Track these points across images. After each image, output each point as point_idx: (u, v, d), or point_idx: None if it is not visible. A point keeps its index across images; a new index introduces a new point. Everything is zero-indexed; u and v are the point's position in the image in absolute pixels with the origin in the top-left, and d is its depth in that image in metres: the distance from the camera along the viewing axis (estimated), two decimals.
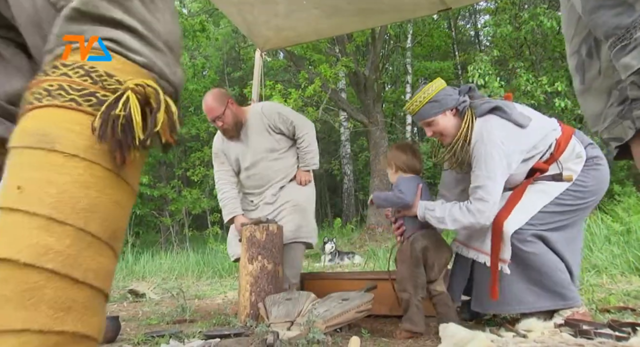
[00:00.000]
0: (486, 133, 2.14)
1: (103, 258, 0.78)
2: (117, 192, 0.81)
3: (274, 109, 3.27)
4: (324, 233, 10.66)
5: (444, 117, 2.23)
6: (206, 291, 4.79)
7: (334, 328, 2.27)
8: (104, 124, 0.77)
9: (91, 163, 0.77)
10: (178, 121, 0.86)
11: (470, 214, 2.13)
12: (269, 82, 9.99)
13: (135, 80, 0.81)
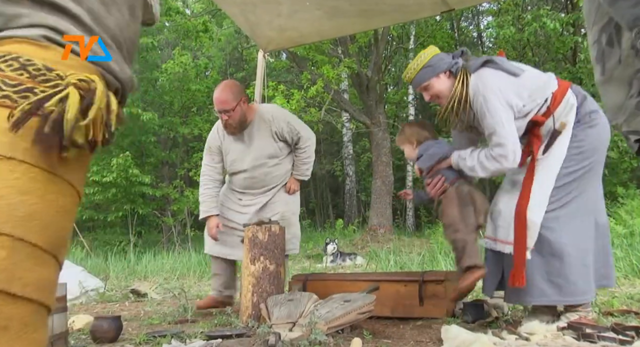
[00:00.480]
0: (482, 84, 2.20)
1: (44, 269, 0.70)
2: (60, 196, 0.74)
3: (283, 117, 3.23)
4: (325, 234, 10.66)
5: (438, 79, 2.30)
6: (208, 291, 4.77)
7: (336, 329, 2.27)
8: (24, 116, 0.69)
9: (30, 166, 0.69)
10: (116, 120, 0.78)
11: (494, 160, 2.20)
12: (271, 83, 9.99)
13: (78, 75, 0.74)
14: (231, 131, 3.15)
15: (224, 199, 3.31)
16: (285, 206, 3.25)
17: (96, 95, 0.74)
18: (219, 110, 3.06)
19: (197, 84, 12.16)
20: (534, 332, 2.02)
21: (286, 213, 3.22)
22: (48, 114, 0.69)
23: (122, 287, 5.16)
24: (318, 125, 11.46)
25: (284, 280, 2.86)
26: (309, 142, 3.26)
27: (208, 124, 12.41)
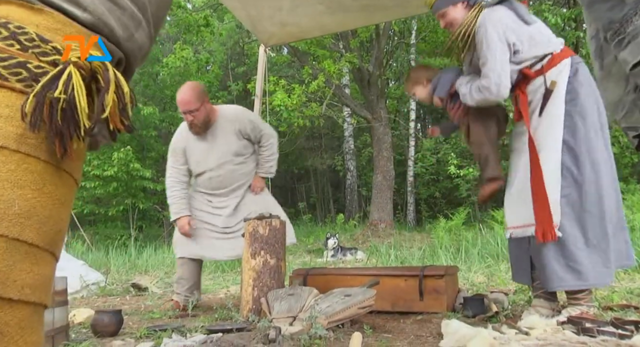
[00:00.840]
0: (488, 17, 2.28)
1: (41, 267, 0.63)
2: (58, 188, 0.65)
3: (246, 116, 3.31)
4: (326, 229, 10.67)
5: (455, 8, 2.39)
6: (209, 286, 4.80)
7: (336, 324, 2.27)
8: (38, 108, 0.60)
9: (25, 156, 0.61)
10: (130, 103, 0.70)
11: (479, 91, 2.31)
12: (272, 78, 9.97)
13: (77, 52, 0.64)
14: (196, 131, 3.16)
15: (192, 202, 3.30)
16: (257, 204, 3.25)
17: (108, 77, 0.65)
18: (183, 111, 3.09)
19: (198, 79, 12.14)
20: (534, 327, 2.02)
21: (262, 211, 3.15)
22: (55, 101, 0.61)
23: (122, 281, 5.17)
24: (319, 120, 11.46)
25: (285, 274, 2.87)
26: (271, 140, 3.32)
27: None
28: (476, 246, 5.84)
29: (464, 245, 5.87)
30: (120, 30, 0.72)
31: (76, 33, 0.67)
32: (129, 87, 0.68)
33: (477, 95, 2.32)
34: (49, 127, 0.61)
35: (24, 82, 0.61)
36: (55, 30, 0.65)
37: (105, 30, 0.69)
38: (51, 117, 0.61)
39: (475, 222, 9.38)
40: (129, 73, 0.79)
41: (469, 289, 3.54)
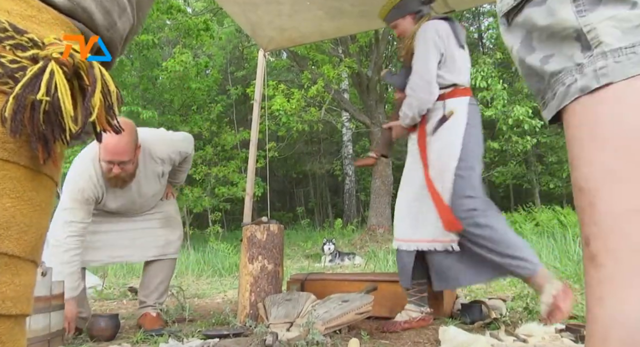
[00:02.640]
0: (425, 25, 2.42)
1: (23, 278, 0.60)
2: (39, 193, 0.61)
3: (172, 149, 2.77)
4: (324, 234, 10.67)
5: (404, 20, 2.55)
6: (206, 290, 4.79)
7: (334, 330, 2.27)
8: (19, 111, 0.54)
9: (3, 162, 0.56)
10: (117, 102, 0.63)
11: (411, 90, 2.39)
12: (271, 82, 9.99)
13: (59, 47, 0.57)
14: (119, 185, 2.56)
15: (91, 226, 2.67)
16: (165, 206, 2.97)
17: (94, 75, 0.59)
18: (112, 161, 2.42)
19: (198, 83, 12.14)
20: (532, 334, 2.02)
21: (169, 212, 2.98)
22: (37, 103, 0.55)
23: (119, 285, 5.16)
24: (318, 125, 11.47)
25: (282, 279, 2.86)
26: (192, 152, 3.00)
27: (208, 122, 12.42)
28: None
29: None
30: (100, 17, 0.65)
31: (52, 20, 0.59)
32: (115, 84, 0.63)
33: (410, 99, 2.38)
34: (31, 132, 0.56)
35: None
36: (30, 17, 0.58)
37: (84, 16, 0.63)
38: (33, 121, 0.55)
39: None
40: (109, 63, 0.73)
41: (467, 295, 3.53)
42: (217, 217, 12.13)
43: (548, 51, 0.65)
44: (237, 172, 12.01)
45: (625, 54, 0.57)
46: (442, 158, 2.34)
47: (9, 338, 0.57)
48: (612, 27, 0.58)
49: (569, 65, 0.62)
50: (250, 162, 3.76)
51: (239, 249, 7.39)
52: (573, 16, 0.61)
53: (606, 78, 0.57)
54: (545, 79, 0.65)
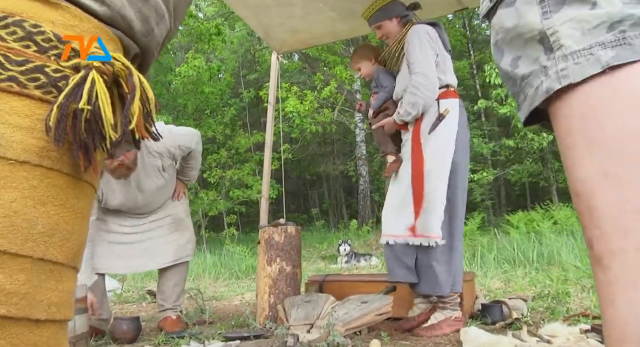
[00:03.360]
0: (416, 28, 2.51)
1: (65, 284, 0.61)
2: (80, 201, 0.62)
3: (172, 144, 2.71)
4: (340, 235, 10.65)
5: (390, 22, 2.63)
6: (224, 293, 4.81)
7: (354, 331, 2.26)
8: (62, 120, 0.55)
9: (48, 170, 0.57)
10: (155, 109, 0.64)
11: (414, 89, 2.41)
12: (284, 85, 10.02)
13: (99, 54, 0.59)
14: (124, 175, 2.52)
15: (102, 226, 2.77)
16: (174, 208, 2.94)
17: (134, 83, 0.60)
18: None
19: (211, 87, 12.24)
20: (556, 335, 1.99)
21: (179, 214, 2.93)
22: (79, 112, 0.56)
23: (139, 289, 5.21)
24: (331, 126, 11.47)
25: (301, 281, 2.86)
26: (198, 148, 2.89)
27: (222, 126, 12.49)
28: (492, 251, 5.78)
29: (479, 250, 5.81)
30: (139, 24, 0.66)
31: (93, 29, 0.61)
32: (153, 92, 0.64)
33: (412, 97, 2.41)
34: (73, 140, 0.57)
35: (43, 89, 0.56)
36: (72, 27, 0.59)
37: (123, 24, 0.64)
38: (75, 130, 0.56)
39: (490, 227, 9.29)
40: (145, 69, 0.75)
41: (487, 295, 3.50)
42: (233, 220, 12.19)
43: (515, 54, 0.67)
44: (252, 175, 12.06)
45: (584, 56, 0.59)
46: (439, 154, 2.41)
47: (55, 343, 0.58)
48: (572, 29, 0.60)
49: (536, 69, 0.63)
50: (266, 164, 3.77)
51: (255, 252, 7.41)
52: (539, 19, 0.62)
53: (567, 79, 0.59)
54: (517, 83, 0.67)
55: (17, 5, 0.58)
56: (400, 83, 2.61)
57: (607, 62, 0.57)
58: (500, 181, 13.63)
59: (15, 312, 0.54)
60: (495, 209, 13.31)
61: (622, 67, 0.56)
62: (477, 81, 14.20)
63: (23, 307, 0.55)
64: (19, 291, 0.54)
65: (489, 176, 10.07)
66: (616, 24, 0.58)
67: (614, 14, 0.58)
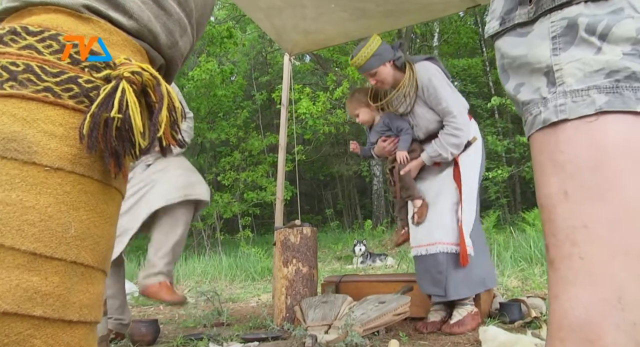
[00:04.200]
0: (425, 68, 2.57)
1: (95, 286, 0.64)
2: (109, 206, 0.65)
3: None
4: (354, 235, 10.63)
5: (385, 67, 2.59)
6: (240, 294, 4.83)
7: (372, 331, 2.26)
8: (95, 128, 0.59)
9: (80, 176, 0.60)
10: (180, 118, 0.68)
11: (452, 136, 2.50)
12: (296, 86, 10.04)
13: (128, 66, 0.61)
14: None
15: None
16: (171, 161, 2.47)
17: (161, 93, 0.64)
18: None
19: (223, 90, 12.30)
20: None
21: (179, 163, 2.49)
22: (110, 120, 0.59)
23: None
24: (344, 127, 11.46)
25: (317, 282, 2.87)
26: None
27: (235, 128, 12.55)
28: (508, 249, 5.72)
29: (495, 249, 5.76)
30: (164, 37, 0.70)
31: (121, 42, 0.65)
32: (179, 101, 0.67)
33: (451, 139, 2.51)
34: (104, 147, 0.60)
35: (76, 98, 0.60)
36: (102, 40, 0.63)
37: (150, 37, 0.68)
38: (106, 137, 0.60)
39: (506, 225, 9.20)
40: (169, 79, 0.78)
41: (504, 294, 3.47)
42: (247, 222, 12.24)
43: (519, 80, 0.74)
44: (265, 177, 12.09)
45: (580, 96, 0.66)
46: (469, 178, 2.57)
47: (86, 344, 0.61)
48: (576, 68, 0.67)
49: (536, 98, 0.71)
50: (280, 166, 3.78)
51: (270, 253, 7.44)
52: (548, 53, 0.69)
53: (563, 114, 0.67)
54: (519, 106, 0.75)
55: (52, 20, 0.62)
56: (420, 124, 2.64)
57: (600, 107, 0.65)
58: (515, 178, 13.48)
59: (50, 313, 0.56)
60: (510, 206, 13.18)
61: (609, 114, 0.65)
62: (489, 78, 14.08)
63: (57, 308, 0.57)
64: (53, 293, 0.57)
65: (503, 173, 9.98)
66: (613, 72, 0.65)
67: (612, 63, 0.65)
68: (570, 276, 0.65)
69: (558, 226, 0.66)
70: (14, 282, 0.54)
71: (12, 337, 0.54)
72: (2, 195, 0.56)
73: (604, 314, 0.62)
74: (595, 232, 0.63)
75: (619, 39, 0.65)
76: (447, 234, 2.47)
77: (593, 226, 0.63)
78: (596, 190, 0.64)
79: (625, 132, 0.64)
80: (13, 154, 0.56)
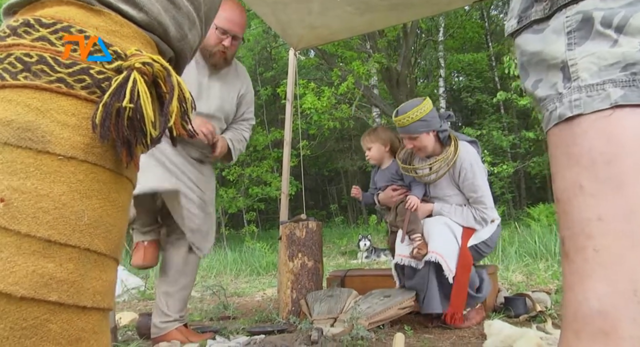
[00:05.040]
0: (469, 151, 2.56)
1: (108, 274, 0.66)
2: (121, 195, 0.66)
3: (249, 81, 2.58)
4: (359, 230, 10.65)
5: (427, 136, 2.53)
6: (245, 288, 4.86)
7: (377, 325, 2.27)
8: (107, 118, 0.60)
9: (92, 165, 0.62)
10: (191, 108, 0.69)
11: (482, 220, 2.54)
12: (301, 81, 10.03)
13: (140, 57, 0.63)
14: (220, 64, 2.33)
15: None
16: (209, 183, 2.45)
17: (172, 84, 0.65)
18: (229, 30, 2.26)
19: None
20: None
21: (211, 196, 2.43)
22: (122, 110, 0.60)
23: None
24: (349, 122, 11.46)
25: (322, 276, 2.88)
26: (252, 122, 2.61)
27: None
28: (513, 244, 5.72)
29: (500, 243, 5.76)
30: (174, 29, 0.71)
31: (132, 34, 0.66)
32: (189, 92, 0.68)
33: (477, 223, 2.53)
34: (116, 137, 0.61)
35: (88, 89, 0.61)
36: (113, 32, 0.64)
37: (160, 30, 0.69)
38: (118, 127, 0.61)
39: (511, 220, 9.19)
40: (179, 72, 0.79)
41: (509, 288, 3.47)
42: (252, 217, 12.27)
43: (537, 76, 0.74)
44: (270, 172, 12.11)
45: (596, 90, 0.66)
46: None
47: (99, 329, 0.63)
48: (591, 63, 0.67)
49: (552, 93, 0.71)
50: (285, 161, 3.79)
51: (275, 248, 7.46)
52: (563, 48, 0.69)
53: (578, 109, 0.67)
54: (537, 102, 0.76)
55: (65, 12, 0.63)
56: (437, 194, 2.64)
57: (615, 101, 0.64)
58: (520, 173, 13.44)
59: (65, 299, 0.58)
60: (515, 201, 13.15)
61: (625, 108, 0.64)
62: (495, 73, 14.02)
63: (72, 294, 0.59)
64: (68, 279, 0.59)
65: (508, 169, 9.95)
66: (630, 65, 0.64)
67: (628, 56, 0.64)
68: (585, 268, 0.65)
69: (573, 219, 0.67)
70: (31, 268, 0.56)
71: (29, 322, 0.55)
72: (18, 183, 0.57)
73: (619, 306, 0.62)
74: (610, 225, 0.63)
75: (637, 29, 0.64)
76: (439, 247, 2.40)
77: (608, 219, 0.64)
78: (611, 183, 0.64)
79: None
80: (27, 143, 0.58)
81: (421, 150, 2.57)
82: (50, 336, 0.57)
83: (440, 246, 2.38)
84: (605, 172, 0.64)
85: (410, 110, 2.48)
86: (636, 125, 0.64)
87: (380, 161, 2.87)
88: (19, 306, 0.55)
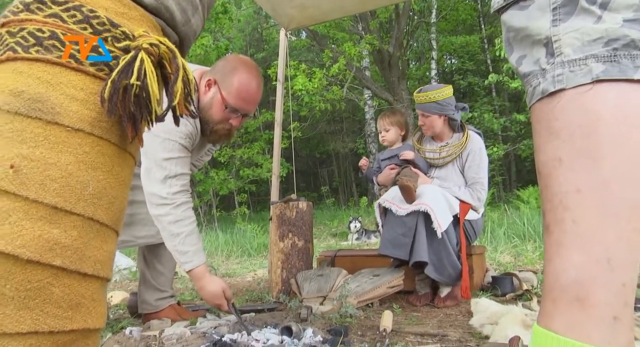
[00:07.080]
0: (479, 142, 2.77)
1: (109, 244, 0.69)
2: (123, 169, 0.70)
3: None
4: (350, 212, 10.71)
5: (438, 118, 2.75)
6: (236, 269, 4.89)
7: (366, 303, 2.30)
8: (115, 94, 0.63)
9: (98, 139, 0.65)
10: (193, 90, 0.73)
11: (477, 200, 2.68)
12: (292, 63, 9.95)
13: (147, 38, 0.66)
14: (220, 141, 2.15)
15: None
16: None
17: (177, 65, 0.68)
18: (242, 109, 1.97)
19: None
20: None
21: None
22: (129, 86, 0.64)
23: None
24: (340, 104, 11.42)
25: (313, 256, 2.91)
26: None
27: None
28: (502, 226, 5.79)
29: (489, 225, 5.83)
30: (179, 14, 0.74)
31: (139, 17, 0.69)
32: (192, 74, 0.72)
33: (472, 200, 2.65)
34: (122, 112, 0.65)
35: (96, 66, 0.65)
36: (122, 14, 0.67)
37: (166, 14, 0.72)
38: (125, 103, 0.64)
39: (500, 202, 9.28)
40: (182, 56, 0.82)
41: (496, 268, 3.52)
42: (243, 198, 12.28)
43: (521, 52, 0.75)
44: (261, 154, 12.09)
45: (578, 65, 0.67)
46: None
47: (98, 297, 0.67)
48: (574, 38, 0.68)
49: (535, 69, 0.72)
50: (276, 142, 3.78)
51: (266, 229, 7.49)
52: (548, 25, 0.70)
53: (561, 84, 0.68)
54: (522, 78, 0.77)
55: None
56: (447, 179, 2.76)
57: (597, 75, 0.66)
58: (510, 156, 13.54)
59: (68, 264, 0.62)
60: (505, 184, 13.26)
61: (604, 82, 0.65)
62: (487, 55, 13.98)
63: (74, 260, 0.62)
64: (71, 245, 0.62)
65: (499, 151, 10.02)
66: (612, 40, 0.65)
67: (611, 31, 0.65)
68: (564, 239, 0.67)
69: (553, 192, 0.69)
70: (37, 233, 0.59)
71: (33, 284, 0.59)
72: (27, 151, 0.60)
73: (594, 274, 0.64)
74: (587, 196, 0.65)
75: (621, 5, 0.65)
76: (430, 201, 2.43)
77: (585, 190, 0.65)
78: (588, 155, 0.65)
79: (619, 98, 0.65)
80: (37, 113, 0.61)
81: (429, 129, 2.79)
82: (52, 299, 0.60)
83: (431, 200, 2.42)
84: (583, 145, 0.65)
85: (430, 91, 2.71)
86: (614, 99, 0.65)
87: (393, 144, 3.01)
88: (25, 268, 0.59)
